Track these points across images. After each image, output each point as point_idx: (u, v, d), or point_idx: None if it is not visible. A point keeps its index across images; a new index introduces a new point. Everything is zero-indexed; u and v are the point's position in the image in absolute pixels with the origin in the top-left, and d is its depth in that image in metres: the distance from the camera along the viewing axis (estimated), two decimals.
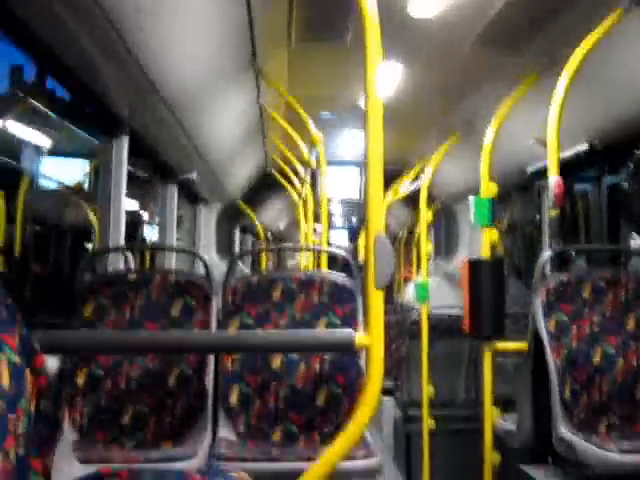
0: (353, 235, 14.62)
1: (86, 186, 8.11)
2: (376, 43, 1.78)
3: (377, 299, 1.77)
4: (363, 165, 1.82)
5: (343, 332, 1.86)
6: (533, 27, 3.95)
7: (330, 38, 4.23)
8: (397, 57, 4.74)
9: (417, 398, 5.83)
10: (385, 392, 7.26)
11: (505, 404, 3.91)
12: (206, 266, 3.59)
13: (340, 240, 15.24)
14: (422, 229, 5.99)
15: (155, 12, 3.02)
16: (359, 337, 1.78)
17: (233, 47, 4.08)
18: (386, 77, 5.16)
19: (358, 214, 12.86)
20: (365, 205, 1.80)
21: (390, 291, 10.43)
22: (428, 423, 5.63)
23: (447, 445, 5.64)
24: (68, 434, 1.79)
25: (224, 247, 8.83)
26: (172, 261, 5.96)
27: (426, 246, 5.93)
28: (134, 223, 9.27)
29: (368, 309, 1.77)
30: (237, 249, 10.51)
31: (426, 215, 5.93)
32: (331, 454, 1.77)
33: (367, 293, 1.77)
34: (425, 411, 5.64)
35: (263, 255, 10.21)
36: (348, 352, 2.52)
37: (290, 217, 12.91)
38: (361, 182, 7.05)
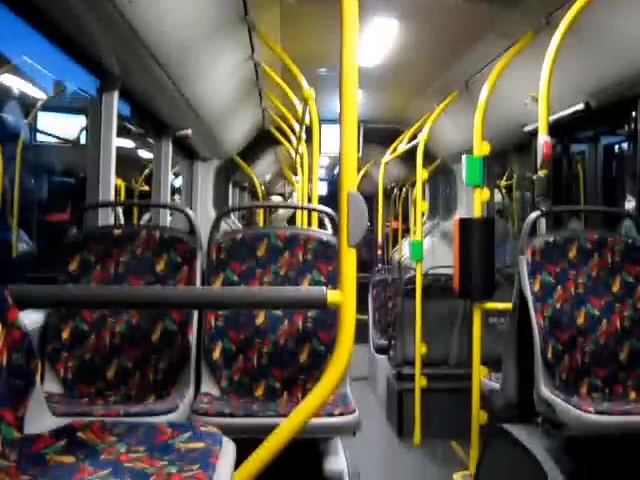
0: (332, 187, 14.78)
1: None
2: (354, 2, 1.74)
3: (350, 257, 1.76)
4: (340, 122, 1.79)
5: (315, 289, 1.85)
6: None
7: None
8: (392, 12, 4.67)
9: (411, 357, 5.88)
10: (380, 350, 7.34)
11: (498, 364, 3.92)
12: (191, 222, 3.57)
13: (320, 191, 15.30)
14: (418, 187, 5.97)
15: None
16: (331, 295, 1.77)
17: (224, 1, 4.02)
18: (382, 34, 5.10)
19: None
20: (339, 162, 1.78)
21: (386, 250, 10.46)
22: (420, 381, 5.69)
23: (438, 403, 5.70)
24: (40, 387, 1.80)
25: (220, 203, 8.82)
26: (167, 218, 5.95)
27: (421, 204, 5.92)
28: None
29: (341, 267, 1.76)
30: (231, 204, 10.50)
31: (422, 173, 5.92)
32: (304, 409, 1.78)
33: (340, 251, 1.76)
34: (418, 369, 5.70)
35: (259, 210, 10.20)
36: (321, 309, 2.51)
37: (275, 170, 12.91)
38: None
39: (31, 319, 3.17)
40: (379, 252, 9.94)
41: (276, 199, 14.38)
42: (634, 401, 3.31)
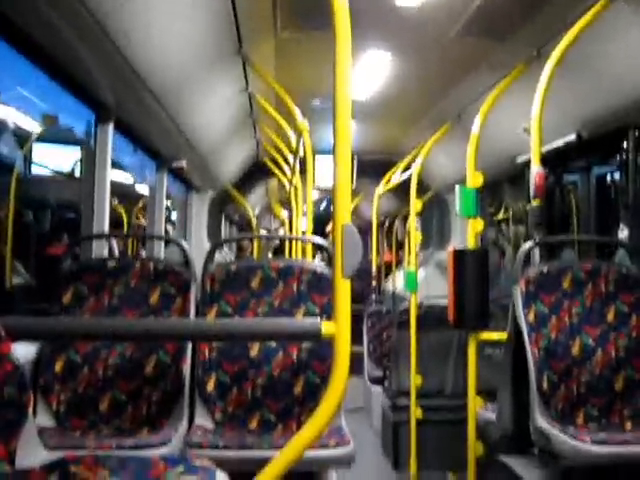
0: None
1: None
2: (346, 34, 1.75)
3: (344, 288, 1.75)
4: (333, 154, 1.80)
5: (309, 321, 1.84)
6: (518, 17, 3.93)
7: (316, 26, 4.20)
8: (385, 46, 4.72)
9: (406, 388, 5.84)
10: (375, 381, 7.30)
11: (494, 394, 3.90)
12: (185, 254, 3.58)
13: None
14: (412, 218, 5.98)
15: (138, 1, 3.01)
16: (325, 326, 1.76)
17: (218, 35, 4.06)
18: (375, 66, 5.15)
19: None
20: (333, 194, 1.78)
21: (379, 280, 10.46)
22: (415, 413, 5.65)
23: (434, 434, 5.65)
24: (32, 420, 1.78)
25: (214, 234, 8.82)
26: (161, 249, 5.94)
27: (415, 235, 5.93)
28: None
29: (335, 298, 1.76)
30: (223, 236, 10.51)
31: (416, 204, 5.93)
32: (299, 442, 1.76)
33: (334, 282, 1.75)
34: (413, 401, 5.66)
35: (255, 243, 10.20)
36: (316, 341, 2.50)
37: (263, 204, 12.92)
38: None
39: (24, 351, 3.15)
40: (373, 283, 9.93)
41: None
42: (630, 431, 3.29)
